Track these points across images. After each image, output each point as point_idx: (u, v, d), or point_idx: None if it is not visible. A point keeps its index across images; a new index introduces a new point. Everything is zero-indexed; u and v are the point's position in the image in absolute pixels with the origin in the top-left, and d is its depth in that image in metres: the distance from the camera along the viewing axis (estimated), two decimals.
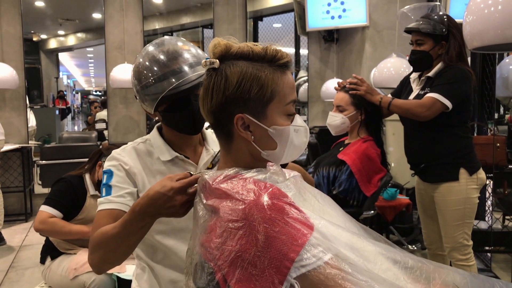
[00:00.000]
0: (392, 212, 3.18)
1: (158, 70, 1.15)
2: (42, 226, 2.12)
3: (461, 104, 2.12)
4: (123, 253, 1.01)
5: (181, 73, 1.14)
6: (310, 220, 0.77)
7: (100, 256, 1.02)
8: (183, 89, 1.14)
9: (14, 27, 4.74)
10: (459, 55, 2.13)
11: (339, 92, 2.27)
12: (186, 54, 1.17)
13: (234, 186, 0.81)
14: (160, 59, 1.16)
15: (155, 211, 0.91)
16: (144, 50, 1.21)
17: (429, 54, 2.17)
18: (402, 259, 0.83)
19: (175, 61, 1.15)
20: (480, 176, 2.19)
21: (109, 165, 1.20)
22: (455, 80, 2.10)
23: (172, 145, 1.24)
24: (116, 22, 5.02)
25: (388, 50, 4.21)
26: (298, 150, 0.91)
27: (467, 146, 2.19)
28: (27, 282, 3.05)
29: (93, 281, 2.05)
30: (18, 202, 4.78)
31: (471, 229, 2.21)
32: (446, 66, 2.14)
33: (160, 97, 1.14)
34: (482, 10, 1.40)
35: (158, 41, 1.22)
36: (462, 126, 2.18)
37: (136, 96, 1.23)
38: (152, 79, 1.15)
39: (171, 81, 1.14)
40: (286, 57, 0.86)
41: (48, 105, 6.54)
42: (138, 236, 0.98)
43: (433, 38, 2.15)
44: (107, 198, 1.13)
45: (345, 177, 2.08)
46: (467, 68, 2.14)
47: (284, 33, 6.37)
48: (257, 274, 0.71)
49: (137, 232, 0.96)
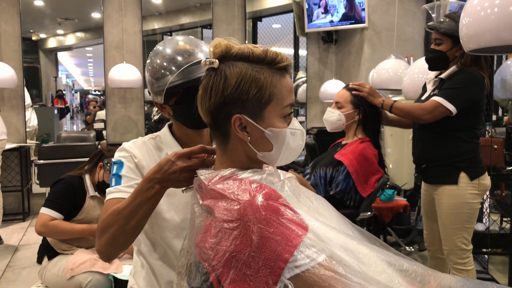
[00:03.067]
0: (389, 213, 3.18)
1: (171, 62, 1.19)
2: (43, 229, 2.13)
3: (469, 109, 2.09)
4: (132, 230, 1.01)
5: (191, 65, 1.18)
6: (305, 221, 0.77)
7: (108, 237, 1.01)
8: (191, 79, 1.17)
9: (12, 26, 4.73)
10: (475, 59, 2.08)
11: (341, 90, 2.29)
12: (196, 50, 1.22)
13: (230, 186, 0.82)
14: (174, 53, 1.20)
15: (161, 177, 0.95)
16: (156, 48, 1.25)
17: (445, 54, 2.12)
18: (397, 261, 0.83)
19: (187, 55, 1.20)
20: (482, 182, 2.14)
21: (120, 156, 1.21)
22: (464, 85, 2.06)
23: (182, 144, 1.26)
24: (115, 21, 5.02)
25: (386, 51, 4.22)
26: (294, 153, 0.91)
27: (471, 151, 2.15)
28: (24, 282, 3.04)
29: (90, 281, 2.05)
30: (16, 201, 4.78)
31: (471, 234, 2.18)
32: (458, 69, 2.10)
33: (168, 84, 1.17)
34: (478, 12, 1.40)
35: (167, 40, 1.27)
36: (468, 130, 2.14)
37: (149, 92, 1.26)
38: (165, 71, 1.19)
39: (181, 71, 1.18)
40: (285, 61, 0.87)
41: (46, 105, 6.53)
42: (148, 208, 0.99)
43: (451, 39, 2.09)
44: (116, 188, 1.14)
45: (342, 177, 2.08)
46: (481, 73, 2.08)
47: (283, 33, 6.37)
48: (251, 275, 0.71)
49: (147, 201, 0.97)
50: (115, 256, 1.06)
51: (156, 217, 1.20)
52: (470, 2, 1.47)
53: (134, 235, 1.03)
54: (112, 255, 1.06)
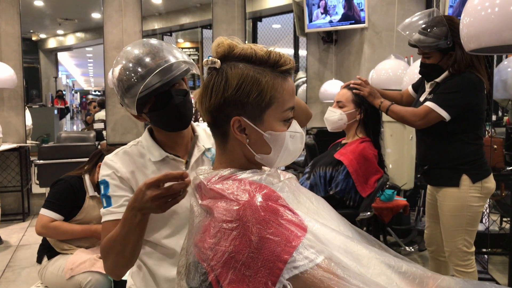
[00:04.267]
0: (389, 213, 3.18)
1: (138, 69, 1.15)
2: (44, 231, 2.14)
3: (466, 113, 2.07)
4: (130, 254, 1.09)
5: (159, 69, 1.14)
6: (304, 222, 0.77)
7: (112, 261, 1.11)
8: (163, 83, 1.14)
9: (12, 26, 4.73)
10: (469, 62, 2.04)
11: (342, 89, 2.28)
12: (163, 53, 1.17)
13: (229, 187, 0.81)
14: (139, 58, 1.16)
15: (139, 206, 1.00)
16: (120, 55, 1.21)
17: (438, 66, 2.11)
18: (396, 263, 0.82)
19: (153, 60, 1.15)
20: (486, 185, 2.11)
21: (103, 175, 1.22)
22: (456, 90, 2.04)
23: (164, 146, 1.25)
24: (115, 22, 5.02)
25: (386, 51, 4.21)
26: (292, 155, 0.91)
27: (474, 153, 2.12)
28: (24, 282, 3.04)
29: (89, 281, 2.05)
30: (16, 201, 4.78)
31: (473, 237, 2.15)
32: (453, 73, 2.08)
33: (139, 94, 1.14)
34: (479, 12, 1.40)
35: (135, 43, 1.23)
36: (470, 132, 2.11)
37: (121, 103, 1.22)
38: (134, 79, 1.15)
39: (150, 76, 1.14)
40: (289, 63, 0.85)
41: (46, 105, 6.53)
42: (137, 234, 1.05)
43: (439, 51, 2.08)
44: (108, 210, 1.19)
45: (342, 177, 2.08)
46: (477, 75, 2.05)
47: (283, 34, 6.37)
48: (250, 275, 0.71)
49: (135, 229, 1.04)
50: (124, 273, 1.15)
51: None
52: (471, 2, 1.47)
53: (134, 256, 1.11)
54: (121, 274, 1.14)
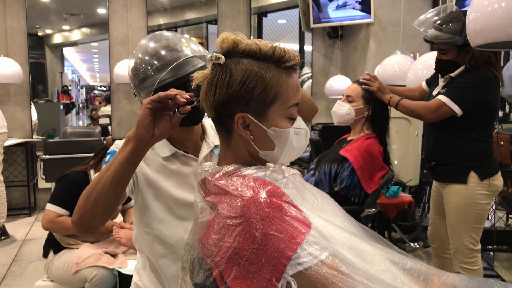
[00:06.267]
0: (394, 210, 3.17)
1: (154, 61, 1.16)
2: (50, 225, 2.15)
3: (478, 109, 2.05)
4: (110, 197, 0.96)
5: (177, 62, 1.15)
6: (309, 219, 0.77)
7: (89, 205, 0.96)
8: (178, 78, 1.14)
9: (18, 22, 4.75)
10: (487, 58, 2.02)
11: (352, 84, 2.27)
12: (180, 46, 1.18)
13: (233, 183, 0.81)
14: (156, 51, 1.17)
15: (133, 132, 0.93)
16: (138, 46, 1.21)
17: (454, 62, 2.08)
18: (400, 260, 0.82)
19: (170, 52, 1.16)
20: (494, 182, 2.09)
21: (114, 147, 1.21)
22: (471, 85, 2.02)
23: (174, 141, 1.25)
24: (120, 17, 5.02)
25: (392, 47, 4.20)
26: (296, 152, 0.90)
27: (484, 150, 2.10)
28: (30, 276, 3.07)
29: (95, 276, 2.07)
30: (22, 196, 4.81)
31: (479, 234, 2.14)
32: (469, 68, 2.05)
33: (156, 85, 1.14)
34: (485, 7, 1.39)
35: (152, 35, 1.23)
36: (480, 129, 2.09)
37: (134, 93, 1.23)
38: (150, 71, 1.16)
39: (167, 70, 1.14)
40: (294, 59, 0.84)
41: (52, 100, 6.56)
42: (124, 169, 0.94)
43: (456, 47, 2.04)
44: None
45: (347, 174, 2.08)
46: (493, 72, 2.02)
47: (289, 29, 6.35)
48: (254, 271, 0.71)
49: (124, 161, 0.93)
50: (90, 227, 1.00)
51: (148, 211, 1.20)
52: None
53: (113, 203, 0.98)
54: (87, 225, 0.99)
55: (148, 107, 0.92)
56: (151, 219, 1.21)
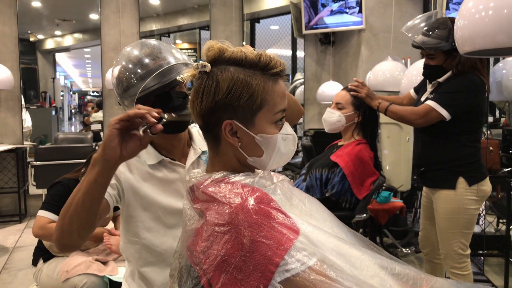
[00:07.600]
0: (385, 215, 3.18)
1: (138, 69, 1.15)
2: (41, 232, 2.11)
3: (467, 114, 2.07)
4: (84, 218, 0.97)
5: (161, 69, 1.14)
6: (297, 225, 0.77)
7: (65, 224, 0.98)
8: (162, 85, 1.14)
9: (10, 27, 4.73)
10: (473, 63, 2.04)
11: (341, 91, 2.28)
12: (164, 54, 1.18)
13: (222, 190, 0.81)
14: (139, 59, 1.16)
15: (99, 154, 0.91)
16: (122, 54, 1.21)
17: (442, 67, 2.11)
18: (389, 265, 0.83)
19: (153, 60, 1.16)
20: (482, 188, 2.11)
21: None
22: (458, 90, 2.04)
23: (160, 148, 1.24)
24: (112, 23, 5.02)
25: (384, 53, 4.22)
26: (285, 158, 0.91)
27: (471, 155, 2.12)
28: (20, 284, 3.03)
29: (85, 284, 2.04)
30: (13, 203, 4.77)
31: (468, 240, 2.15)
32: (456, 73, 2.08)
33: (139, 94, 1.13)
34: (473, 15, 1.40)
35: (136, 43, 1.23)
36: (468, 134, 2.11)
37: (119, 102, 1.23)
38: (133, 80, 1.15)
39: (149, 78, 1.14)
40: (279, 66, 0.85)
41: (44, 106, 6.51)
42: (93, 192, 0.94)
43: (443, 52, 2.07)
44: None
45: (338, 179, 2.08)
46: (479, 77, 2.05)
47: (281, 35, 6.38)
48: (242, 279, 0.71)
49: (92, 184, 0.93)
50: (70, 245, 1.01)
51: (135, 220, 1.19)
52: (465, 4, 1.48)
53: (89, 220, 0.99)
54: (66, 244, 1.01)
55: (116, 127, 0.89)
56: (138, 228, 1.20)
